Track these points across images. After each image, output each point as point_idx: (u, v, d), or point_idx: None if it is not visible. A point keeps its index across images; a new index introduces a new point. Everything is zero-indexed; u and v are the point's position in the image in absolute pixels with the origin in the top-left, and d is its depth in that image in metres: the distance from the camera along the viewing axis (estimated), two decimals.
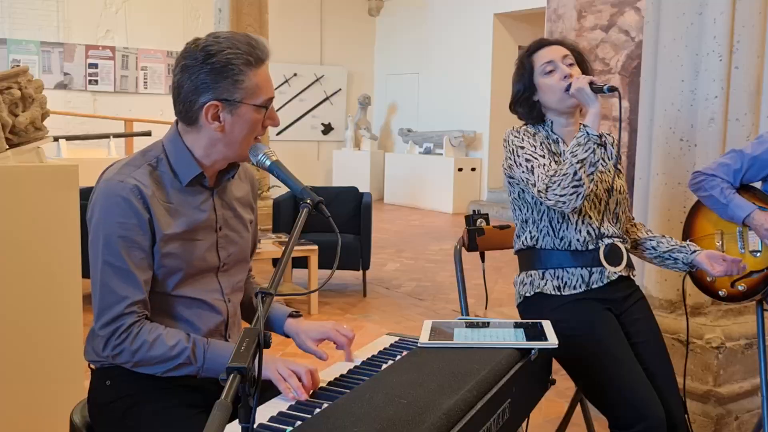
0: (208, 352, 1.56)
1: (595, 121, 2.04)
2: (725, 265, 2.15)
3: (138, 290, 1.55)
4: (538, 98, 2.18)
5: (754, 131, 2.81)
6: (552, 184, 2.00)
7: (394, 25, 12.95)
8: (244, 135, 1.58)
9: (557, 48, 2.18)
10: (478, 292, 5.10)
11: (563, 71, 2.13)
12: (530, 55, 2.19)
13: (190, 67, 1.54)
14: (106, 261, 1.54)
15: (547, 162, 2.06)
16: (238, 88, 1.54)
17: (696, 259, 2.20)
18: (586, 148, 2.00)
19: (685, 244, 2.27)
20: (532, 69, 2.17)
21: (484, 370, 1.48)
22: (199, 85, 1.53)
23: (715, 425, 2.82)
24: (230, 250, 1.71)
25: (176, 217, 1.60)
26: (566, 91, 2.11)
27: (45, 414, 2.41)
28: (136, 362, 1.55)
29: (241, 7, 7.71)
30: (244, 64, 1.53)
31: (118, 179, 1.56)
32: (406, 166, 11.91)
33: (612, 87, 2.04)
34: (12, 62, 10.01)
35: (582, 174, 1.99)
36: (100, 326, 1.55)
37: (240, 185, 1.78)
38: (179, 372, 1.56)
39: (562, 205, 2.01)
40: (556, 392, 3.38)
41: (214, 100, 1.53)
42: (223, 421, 0.96)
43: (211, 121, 1.56)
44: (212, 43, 1.54)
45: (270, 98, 1.59)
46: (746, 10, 2.73)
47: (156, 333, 1.54)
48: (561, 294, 2.12)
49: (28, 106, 2.46)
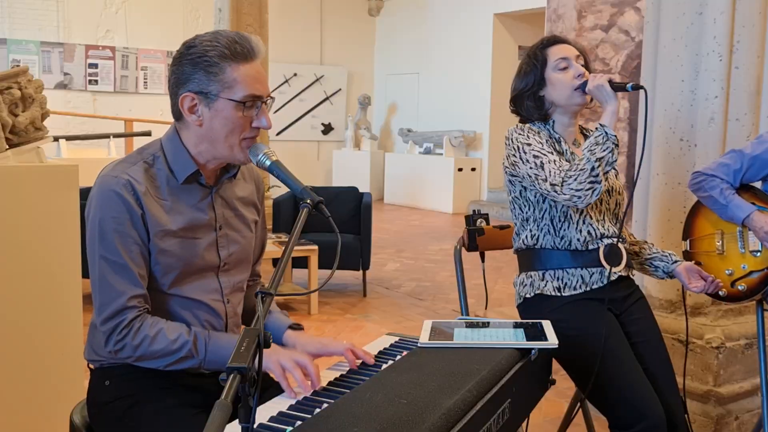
0: (210, 345, 1.56)
1: (612, 119, 2.04)
2: (702, 284, 2.19)
3: (136, 284, 1.55)
4: (544, 93, 2.17)
5: (754, 131, 2.81)
6: (568, 178, 2.00)
7: (394, 25, 12.95)
8: (225, 132, 1.56)
9: (570, 47, 2.18)
10: (478, 292, 5.10)
11: (577, 69, 2.12)
12: (544, 48, 2.18)
13: (174, 61, 1.57)
14: (103, 256, 1.54)
15: (556, 158, 2.05)
16: (213, 80, 1.53)
17: (675, 270, 2.24)
18: (605, 147, 2.00)
19: (667, 253, 2.29)
20: (545, 63, 2.16)
21: (484, 370, 1.48)
22: (179, 77, 1.55)
23: (715, 425, 2.82)
24: (231, 250, 1.71)
25: (172, 214, 1.60)
26: (577, 89, 2.11)
27: (45, 414, 2.41)
28: (138, 357, 1.55)
29: (241, 7, 7.71)
30: (219, 56, 1.52)
31: (112, 175, 1.57)
32: (406, 166, 11.91)
33: (636, 84, 2.04)
34: (12, 62, 10.01)
35: (599, 171, 1.99)
36: (101, 322, 1.55)
37: (244, 185, 1.78)
38: (181, 365, 1.56)
39: (577, 200, 2.00)
40: (556, 392, 3.38)
41: (188, 91, 1.54)
42: (223, 421, 0.96)
43: (189, 113, 1.56)
44: (198, 37, 1.56)
45: (252, 95, 1.55)
46: (746, 10, 2.73)
47: (157, 327, 1.54)
48: (561, 295, 2.12)
49: (28, 106, 2.46)
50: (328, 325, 4.85)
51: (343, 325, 4.83)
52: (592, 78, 2.07)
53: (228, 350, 1.53)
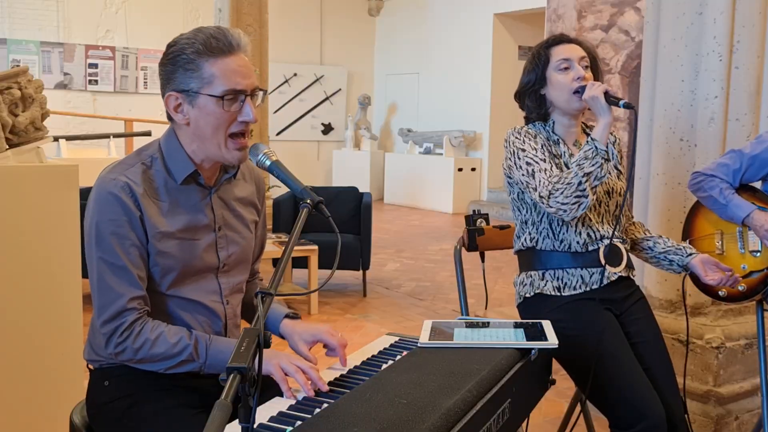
0: (211, 349, 1.56)
1: (605, 133, 2.02)
2: (719, 276, 2.14)
3: (136, 286, 1.55)
4: (545, 92, 2.16)
5: (754, 131, 2.81)
6: (555, 191, 1.99)
7: (394, 25, 12.95)
8: (211, 129, 1.56)
9: (576, 47, 2.16)
10: (478, 292, 5.10)
11: (578, 72, 2.10)
12: (548, 47, 2.17)
13: (160, 62, 1.59)
14: (101, 258, 1.54)
15: (548, 167, 2.05)
16: (191, 77, 1.53)
17: (691, 263, 2.20)
18: (594, 162, 1.99)
19: (681, 246, 2.26)
20: (548, 62, 2.14)
21: (484, 370, 1.48)
22: (164, 77, 1.57)
23: (715, 425, 2.82)
24: (230, 251, 1.70)
25: (171, 215, 1.60)
26: (575, 92, 2.09)
27: (45, 414, 2.41)
28: (139, 360, 1.55)
29: (241, 7, 7.71)
30: (195, 52, 1.52)
31: (110, 177, 1.57)
32: (406, 166, 11.91)
33: (628, 103, 2.01)
34: (12, 62, 10.01)
35: (587, 186, 1.98)
36: (101, 324, 1.54)
37: (244, 185, 1.77)
38: (182, 369, 1.56)
39: (563, 214, 2.01)
40: (556, 392, 3.38)
41: (172, 91, 1.55)
42: (223, 421, 0.96)
43: (175, 113, 1.57)
44: (179, 36, 1.57)
45: (233, 90, 1.54)
46: (746, 10, 2.73)
47: (158, 330, 1.54)
48: (561, 294, 2.12)
49: (28, 106, 2.46)
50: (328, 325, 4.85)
51: (343, 325, 4.83)
52: (590, 86, 2.05)
53: (229, 354, 1.53)
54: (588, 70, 2.15)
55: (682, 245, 2.27)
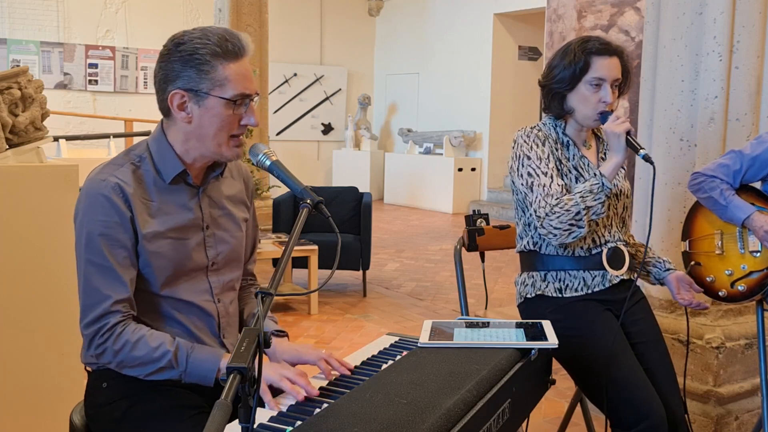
0: (191, 357, 1.53)
1: (614, 171, 2.04)
2: (690, 297, 2.19)
3: (122, 289, 1.54)
4: (569, 95, 2.13)
5: (754, 131, 2.81)
6: (552, 214, 2.00)
7: (394, 25, 12.95)
8: (214, 130, 1.56)
9: (615, 64, 2.09)
10: (478, 292, 5.09)
11: (606, 95, 2.07)
12: (590, 54, 2.08)
13: (163, 56, 1.56)
14: (89, 259, 1.54)
15: (548, 181, 2.05)
16: (204, 78, 1.53)
17: (666, 278, 2.25)
18: (597, 197, 2.01)
19: (662, 259, 2.30)
20: (585, 71, 2.08)
21: (484, 370, 1.48)
22: (168, 73, 1.55)
23: (715, 425, 2.82)
24: (219, 249, 1.70)
25: (160, 215, 1.60)
26: (598, 117, 2.08)
27: (45, 414, 2.41)
28: (118, 363, 1.54)
29: (241, 7, 7.71)
30: (211, 54, 1.52)
31: (100, 178, 1.56)
32: (406, 166, 11.90)
33: (648, 157, 2.01)
34: (12, 62, 10.01)
35: (584, 218, 2.00)
36: (84, 326, 1.54)
37: (232, 183, 1.77)
38: (162, 376, 1.54)
39: (552, 238, 2.03)
40: (556, 392, 3.38)
41: (179, 88, 1.54)
42: (223, 421, 0.96)
43: (178, 110, 1.56)
44: (186, 33, 1.55)
45: (243, 94, 1.55)
46: (746, 10, 2.73)
47: (139, 334, 1.53)
48: (562, 296, 2.12)
49: (28, 106, 2.46)
50: (328, 325, 4.85)
51: (343, 325, 4.83)
52: (614, 119, 2.04)
53: (210, 364, 1.53)
54: (617, 89, 2.13)
55: (662, 259, 2.29)
